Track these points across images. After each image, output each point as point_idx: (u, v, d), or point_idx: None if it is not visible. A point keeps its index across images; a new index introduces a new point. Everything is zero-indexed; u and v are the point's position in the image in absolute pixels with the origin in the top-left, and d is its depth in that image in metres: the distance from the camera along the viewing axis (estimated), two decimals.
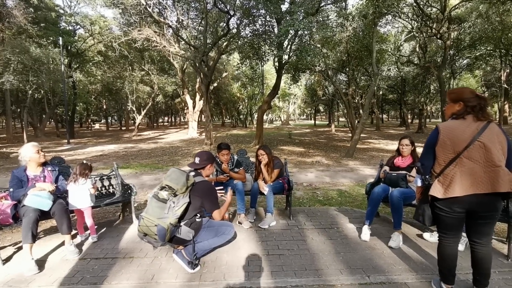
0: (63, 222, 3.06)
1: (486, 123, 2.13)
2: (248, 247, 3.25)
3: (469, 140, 2.11)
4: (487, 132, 2.09)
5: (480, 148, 2.09)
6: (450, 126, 2.22)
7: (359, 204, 5.12)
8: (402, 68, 26.32)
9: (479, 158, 2.10)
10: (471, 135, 2.11)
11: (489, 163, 2.08)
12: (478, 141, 2.09)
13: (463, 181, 2.13)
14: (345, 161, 10.90)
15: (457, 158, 2.16)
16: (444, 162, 2.21)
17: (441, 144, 2.22)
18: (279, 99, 43.71)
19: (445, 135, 2.21)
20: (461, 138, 2.14)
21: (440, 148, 2.23)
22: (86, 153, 14.23)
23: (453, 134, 2.18)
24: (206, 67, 16.10)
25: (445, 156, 2.21)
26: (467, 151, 2.12)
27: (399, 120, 42.24)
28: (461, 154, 2.14)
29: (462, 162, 2.14)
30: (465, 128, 2.15)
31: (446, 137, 2.20)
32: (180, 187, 2.51)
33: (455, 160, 2.16)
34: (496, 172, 2.07)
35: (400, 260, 2.92)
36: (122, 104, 35.25)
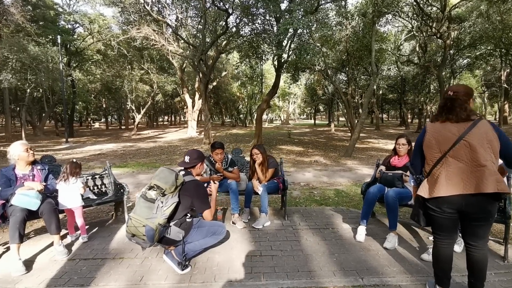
0: (52, 222, 3.00)
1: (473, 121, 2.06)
2: (240, 248, 3.19)
3: (455, 139, 2.07)
4: (474, 131, 2.03)
5: (465, 147, 2.04)
6: (437, 125, 2.19)
7: (355, 204, 5.06)
8: (402, 68, 26.24)
9: (465, 157, 2.05)
10: (457, 134, 2.06)
11: (474, 162, 2.02)
12: (464, 140, 2.03)
13: (448, 181, 2.08)
14: (344, 160, 10.84)
15: (443, 157, 2.11)
16: (431, 162, 2.18)
17: (426, 144, 2.20)
18: (279, 98, 43.65)
19: (431, 134, 2.18)
20: (446, 137, 2.10)
21: (427, 148, 2.20)
22: (83, 152, 14.18)
23: (439, 133, 2.14)
24: (205, 66, 16.03)
25: (431, 155, 2.18)
26: (452, 150, 2.07)
27: (399, 119, 42.15)
28: (447, 154, 2.09)
29: (448, 162, 2.10)
30: (451, 127, 2.11)
31: (431, 136, 2.17)
32: (169, 186, 2.45)
33: (442, 160, 2.12)
34: (481, 172, 2.00)
35: (395, 261, 2.87)
36: (122, 103, 35.20)
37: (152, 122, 44.31)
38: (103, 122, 49.68)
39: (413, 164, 2.40)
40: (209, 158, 4.01)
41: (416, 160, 2.35)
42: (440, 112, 2.21)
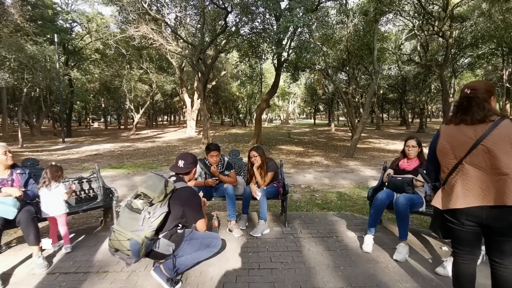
0: (30, 232, 2.74)
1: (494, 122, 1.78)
2: (237, 259, 2.93)
3: (471, 143, 1.80)
4: (494, 133, 1.75)
5: (484, 153, 1.76)
6: (451, 128, 1.92)
7: (359, 209, 4.81)
8: (403, 67, 25.98)
9: (484, 164, 1.77)
10: (474, 138, 1.79)
11: (495, 170, 1.74)
12: (482, 144, 1.76)
13: (465, 191, 1.82)
14: (345, 161, 10.58)
15: (459, 164, 1.85)
16: (447, 169, 1.93)
17: (440, 149, 1.95)
18: (279, 98, 43.38)
19: (444, 138, 1.93)
20: (461, 141, 1.84)
21: (441, 154, 1.95)
22: (80, 152, 13.91)
23: (453, 138, 1.88)
24: (204, 65, 15.77)
25: (446, 162, 1.92)
26: (469, 156, 1.81)
27: (400, 119, 41.87)
28: (463, 160, 1.83)
29: (464, 169, 1.84)
30: (467, 130, 1.84)
31: (445, 141, 1.91)
32: (157, 195, 2.18)
33: (457, 167, 1.86)
34: (503, 181, 1.72)
35: (407, 275, 2.60)
36: (121, 103, 34.90)
37: (151, 122, 44.00)
38: (102, 122, 49.37)
39: (427, 170, 2.16)
40: (204, 160, 3.75)
41: (431, 167, 2.10)
42: (455, 112, 1.95)
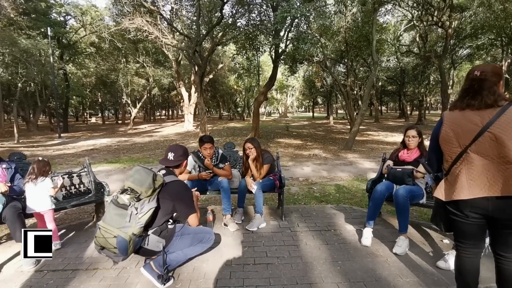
0: (16, 229, 2.64)
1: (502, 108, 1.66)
2: (231, 254, 2.83)
3: (477, 130, 1.68)
4: (502, 119, 1.63)
5: (491, 141, 1.65)
6: (455, 115, 1.80)
7: (358, 201, 4.72)
8: (401, 59, 25.79)
9: (490, 152, 1.66)
10: (480, 125, 1.68)
11: (502, 159, 1.63)
12: (489, 131, 1.65)
13: (470, 181, 1.72)
14: (344, 153, 10.49)
15: (463, 153, 1.74)
16: (450, 158, 1.81)
17: (443, 137, 1.82)
18: (277, 91, 43.14)
19: (448, 125, 1.80)
20: (466, 128, 1.72)
21: (444, 142, 1.83)
22: (76, 147, 13.77)
23: (457, 124, 1.76)
24: (200, 57, 15.56)
25: (450, 151, 1.81)
26: (475, 144, 1.69)
27: (398, 111, 41.76)
28: (468, 148, 1.72)
29: (469, 158, 1.73)
30: (473, 116, 1.72)
31: (449, 128, 1.79)
32: (145, 189, 2.07)
33: (462, 156, 1.75)
34: (511, 171, 1.62)
35: (407, 270, 2.51)
36: (118, 97, 34.62)
37: (149, 117, 43.77)
38: (99, 117, 49.05)
39: (429, 160, 2.04)
40: (197, 153, 3.63)
41: (433, 156, 1.98)
42: (462, 96, 1.81)
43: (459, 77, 35.59)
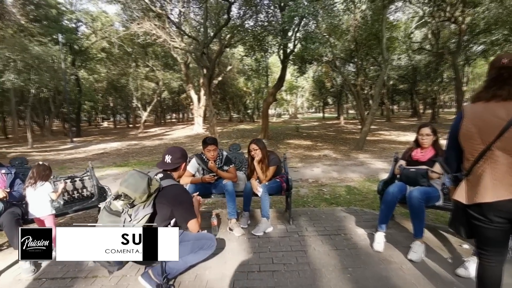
0: (13, 235, 2.57)
1: None
2: (236, 261, 2.70)
3: (503, 125, 1.51)
4: None
5: None
6: (478, 108, 1.63)
7: (370, 203, 4.53)
8: (413, 57, 25.24)
9: None
10: (506, 118, 1.51)
11: None
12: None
13: (495, 181, 1.54)
14: (355, 154, 10.25)
15: (487, 150, 1.56)
16: (472, 157, 1.63)
17: (464, 133, 1.64)
18: (287, 92, 42.91)
19: (470, 119, 1.62)
20: (491, 123, 1.55)
21: (465, 138, 1.65)
22: (87, 151, 13.91)
23: (480, 118, 1.59)
24: (208, 60, 15.54)
25: (471, 148, 1.63)
26: (500, 140, 1.52)
27: (410, 110, 40.92)
28: (492, 145, 1.54)
29: (494, 156, 1.55)
30: (498, 108, 1.55)
31: (471, 123, 1.61)
32: (139, 195, 1.96)
33: (485, 154, 1.57)
34: None
35: (424, 278, 2.33)
36: (128, 101, 35.03)
37: (159, 120, 44.16)
38: (111, 121, 49.81)
39: (447, 159, 1.85)
40: (200, 155, 3.52)
41: (451, 154, 1.79)
42: (487, 87, 1.63)
43: (474, 74, 34.69)
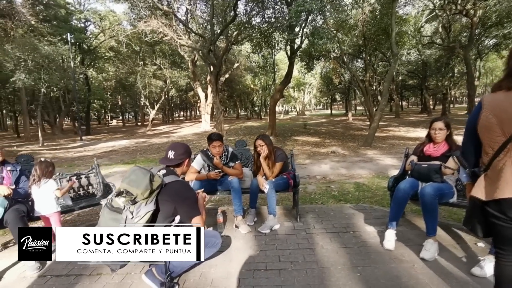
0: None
1: None
2: (242, 259, 2.64)
3: None
4: None
5: None
6: (498, 98, 1.51)
7: (379, 200, 4.42)
8: (423, 51, 24.77)
9: None
10: None
11: None
12: None
13: None
14: (363, 150, 10.10)
15: (508, 142, 1.45)
16: (491, 150, 1.52)
17: (483, 124, 1.53)
18: (294, 89, 42.66)
19: (490, 110, 1.51)
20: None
21: (484, 130, 1.54)
22: (96, 149, 14.04)
23: (501, 108, 1.48)
24: (215, 57, 15.49)
25: (491, 140, 1.52)
26: None
27: (420, 106, 40.26)
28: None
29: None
30: None
31: (491, 113, 1.49)
32: (141, 191, 1.90)
33: (507, 146, 1.46)
34: None
35: (437, 277, 2.24)
36: (137, 100, 35.31)
37: (167, 118, 44.38)
38: (120, 120, 50.32)
39: (464, 153, 1.74)
40: (206, 152, 3.46)
41: (469, 148, 1.69)
42: (509, 75, 1.51)
43: (486, 68, 33.91)
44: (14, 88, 18.49)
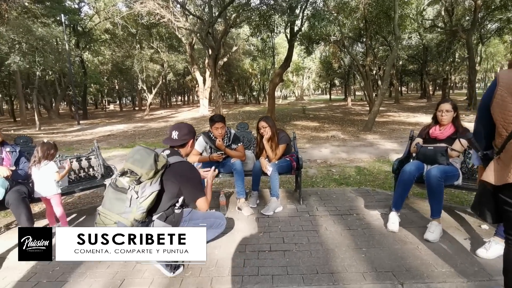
0: (21, 213, 2.53)
1: None
2: (246, 241, 2.64)
3: None
4: None
5: None
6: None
7: (381, 183, 4.42)
8: (424, 36, 24.42)
9: None
10: None
11: None
12: None
13: None
14: (363, 135, 10.08)
15: None
16: (505, 131, 1.43)
17: (498, 102, 1.44)
18: (293, 73, 42.24)
19: (505, 87, 1.41)
20: None
21: (498, 109, 1.44)
22: (93, 134, 13.94)
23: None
24: (213, 40, 15.21)
25: (505, 120, 1.43)
26: None
27: (420, 92, 40.07)
28: None
29: None
30: None
31: (506, 91, 1.40)
32: (146, 171, 1.86)
33: None
34: None
35: (442, 259, 2.24)
36: (134, 84, 34.86)
37: (165, 102, 44.01)
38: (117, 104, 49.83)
39: (476, 134, 1.65)
40: (208, 134, 3.41)
41: (481, 129, 1.61)
42: None
43: (487, 53, 33.58)
44: (9, 71, 18.16)
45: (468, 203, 3.49)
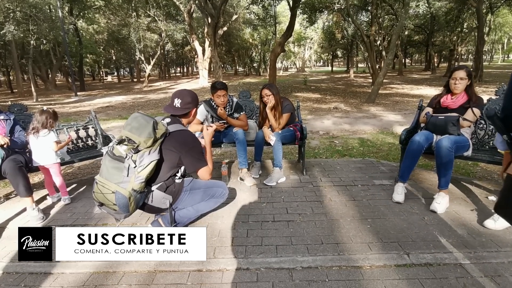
0: (18, 183, 2.46)
1: None
2: (248, 211, 2.60)
3: None
4: None
5: None
6: None
7: (385, 155, 4.34)
8: (433, 3, 23.42)
9: None
10: None
11: None
12: None
13: None
14: (366, 106, 9.90)
15: None
16: None
17: None
18: (294, 44, 41.11)
19: None
20: None
21: None
22: (92, 105, 13.74)
23: None
24: (213, 7, 14.59)
25: None
26: None
27: (424, 64, 39.16)
28: None
29: None
30: None
31: None
32: (144, 139, 1.76)
33: None
34: None
35: (448, 230, 2.20)
36: (131, 55, 33.98)
37: (164, 74, 43.17)
38: (115, 76, 48.90)
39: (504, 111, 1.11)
40: (209, 102, 3.28)
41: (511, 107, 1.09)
42: None
43: (496, 24, 32.46)
44: (5, 41, 17.62)
45: (475, 175, 3.44)
